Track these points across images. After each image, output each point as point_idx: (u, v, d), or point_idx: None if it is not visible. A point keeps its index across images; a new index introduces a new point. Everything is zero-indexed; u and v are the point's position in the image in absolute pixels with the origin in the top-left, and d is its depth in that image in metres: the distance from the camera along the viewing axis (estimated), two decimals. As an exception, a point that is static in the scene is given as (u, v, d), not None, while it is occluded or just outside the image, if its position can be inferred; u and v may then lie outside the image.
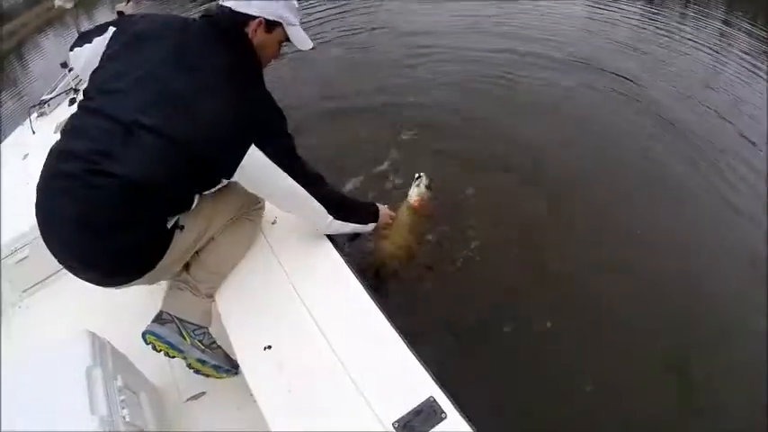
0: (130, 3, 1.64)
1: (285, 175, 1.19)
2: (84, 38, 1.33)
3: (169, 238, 1.18)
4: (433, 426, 0.97)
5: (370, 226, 1.56)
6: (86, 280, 1.20)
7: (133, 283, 1.20)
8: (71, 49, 1.39)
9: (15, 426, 0.95)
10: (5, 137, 2.78)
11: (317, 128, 3.25)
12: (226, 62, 1.15)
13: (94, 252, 1.12)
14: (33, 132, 2.58)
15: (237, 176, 1.16)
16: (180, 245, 1.21)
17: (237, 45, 1.20)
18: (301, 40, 1.31)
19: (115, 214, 1.09)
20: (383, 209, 1.65)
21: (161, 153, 1.08)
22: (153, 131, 1.06)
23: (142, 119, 1.06)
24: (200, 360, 1.27)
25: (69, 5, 2.48)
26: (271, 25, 1.24)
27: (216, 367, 1.30)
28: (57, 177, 1.11)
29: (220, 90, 1.11)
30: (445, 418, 0.98)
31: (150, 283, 1.27)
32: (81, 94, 1.43)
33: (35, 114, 2.73)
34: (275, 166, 1.17)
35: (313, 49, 1.35)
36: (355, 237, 1.80)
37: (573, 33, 4.77)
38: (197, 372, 1.31)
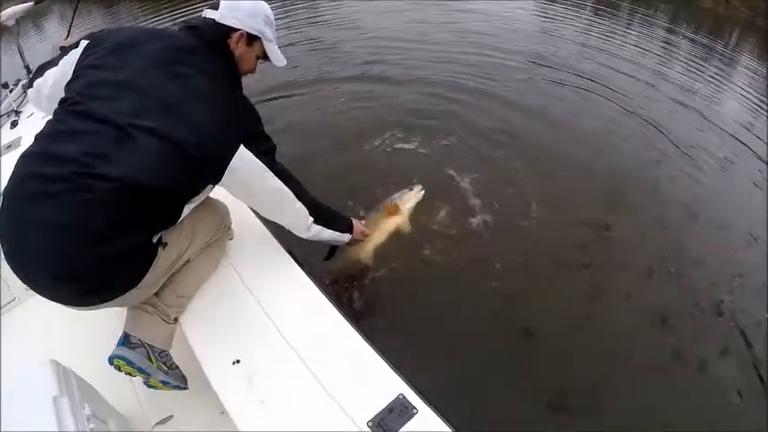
0: (69, 38, 1.64)
1: (271, 174, 1.27)
2: (44, 68, 1.32)
3: (154, 253, 1.17)
4: (406, 421, 1.02)
5: (346, 237, 1.61)
6: (58, 298, 1.12)
7: (109, 303, 1.16)
8: (30, 85, 1.37)
9: None
10: None
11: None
12: (213, 69, 1.22)
13: (81, 262, 1.05)
14: None
15: (227, 177, 1.19)
16: (162, 262, 1.20)
17: (222, 55, 1.28)
18: (277, 56, 1.41)
19: (107, 220, 1.04)
20: (357, 223, 1.70)
21: (158, 155, 1.07)
22: (151, 133, 1.06)
23: (138, 121, 1.06)
24: (164, 381, 1.27)
25: (11, 23, 2.38)
26: (251, 39, 1.33)
27: (176, 387, 1.31)
28: (37, 181, 1.04)
29: (210, 95, 1.17)
30: (416, 413, 1.04)
31: (125, 304, 1.23)
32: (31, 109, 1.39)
33: None
34: (263, 165, 1.23)
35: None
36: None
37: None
38: (153, 388, 1.29)
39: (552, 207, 2.67)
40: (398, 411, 1.05)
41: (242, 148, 1.19)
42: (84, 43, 1.25)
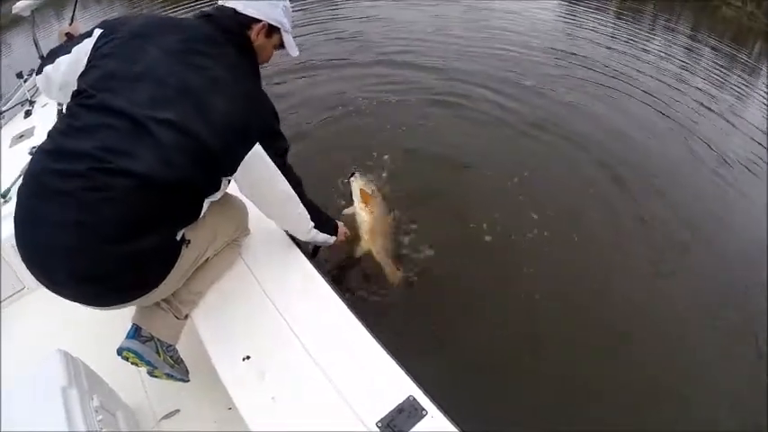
0: (74, 24, 1.61)
1: (282, 177, 1.25)
2: (55, 54, 1.28)
3: (178, 251, 1.15)
4: (416, 423, 1.01)
5: (332, 239, 1.61)
6: (77, 298, 1.08)
7: (129, 303, 1.15)
8: (40, 71, 1.32)
9: None
10: None
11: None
12: (232, 61, 1.18)
13: (103, 262, 1.01)
14: None
15: (239, 172, 1.17)
16: (184, 261, 1.18)
17: (241, 46, 1.24)
18: (292, 46, 1.39)
19: (128, 218, 1.01)
20: (340, 225, 1.69)
21: (179, 147, 1.03)
22: (169, 126, 1.03)
23: (156, 113, 1.03)
24: (169, 374, 1.27)
25: (26, 14, 2.39)
26: (271, 30, 1.30)
27: (180, 380, 1.31)
28: (53, 178, 1.00)
29: (230, 87, 1.13)
30: (426, 414, 1.02)
31: (144, 304, 1.21)
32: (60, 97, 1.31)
33: None
34: (275, 167, 1.22)
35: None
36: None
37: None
38: (156, 378, 1.28)
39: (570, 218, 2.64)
40: (408, 413, 1.04)
41: (257, 145, 1.17)
42: (98, 32, 1.20)
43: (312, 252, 1.76)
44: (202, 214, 1.20)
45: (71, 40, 1.30)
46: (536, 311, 2.10)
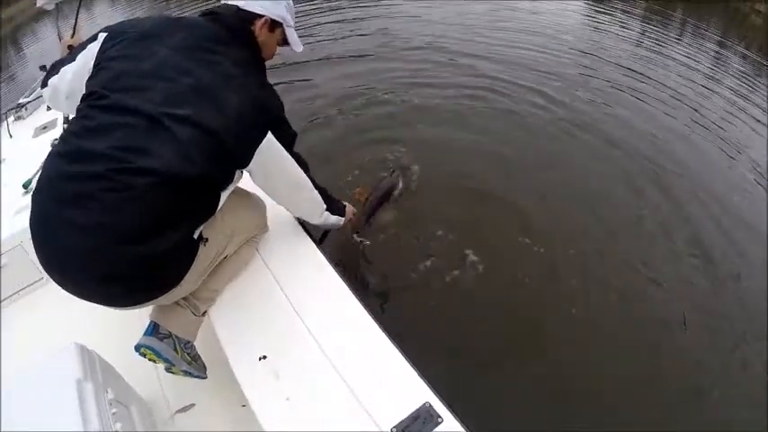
0: (76, 36, 1.63)
1: (293, 162, 1.28)
2: (58, 65, 1.28)
3: (195, 250, 1.15)
4: (431, 430, 0.99)
5: (342, 221, 1.61)
6: (96, 298, 1.08)
7: (147, 303, 1.15)
8: (45, 84, 1.32)
9: None
10: None
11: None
12: (239, 57, 1.20)
13: (122, 262, 1.00)
14: (10, 136, 2.51)
15: (253, 163, 1.18)
16: (202, 259, 1.18)
17: (246, 42, 1.26)
18: (296, 41, 1.40)
19: (148, 217, 1.00)
20: (348, 206, 1.68)
21: (193, 143, 1.03)
22: (184, 122, 1.03)
23: (170, 110, 1.03)
24: (186, 371, 1.27)
25: (50, 7, 2.42)
26: (273, 25, 1.32)
27: (197, 377, 1.31)
28: (69, 181, 1.00)
29: (239, 82, 1.14)
30: (442, 422, 1.00)
31: (162, 303, 1.21)
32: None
33: (12, 118, 2.65)
34: (286, 153, 1.24)
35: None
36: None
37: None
38: (173, 374, 1.29)
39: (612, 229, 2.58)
40: (423, 419, 1.01)
41: (269, 135, 1.18)
42: (102, 36, 1.21)
43: (320, 238, 1.77)
44: (220, 212, 1.19)
45: (56, 66, 1.30)
46: (572, 328, 2.04)
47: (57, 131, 2.33)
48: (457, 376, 1.64)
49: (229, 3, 1.28)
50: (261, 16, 1.28)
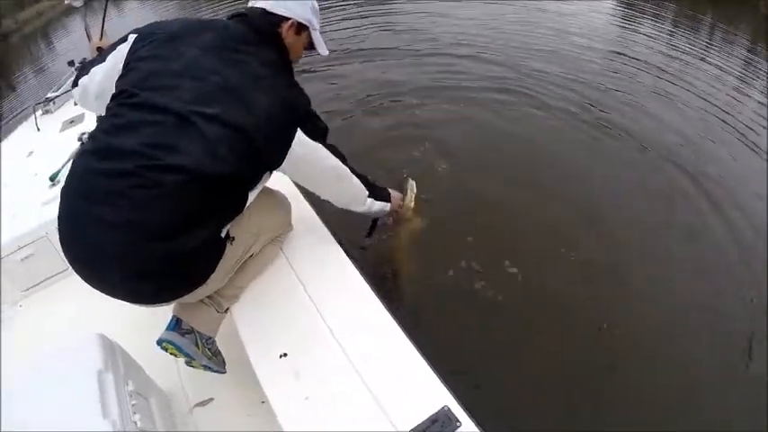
0: (104, 39, 1.66)
1: (328, 153, 1.28)
2: (89, 65, 1.31)
3: (222, 248, 1.16)
4: None
5: (388, 206, 1.60)
6: (123, 295, 1.09)
7: (177, 300, 1.16)
8: (75, 84, 1.35)
9: (27, 426, 0.94)
10: (10, 133, 2.76)
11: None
12: (268, 58, 1.21)
13: (151, 260, 1.00)
14: (38, 130, 2.57)
15: (287, 162, 1.18)
16: (229, 257, 1.18)
17: (273, 43, 1.27)
18: (321, 45, 1.42)
19: (178, 214, 1.01)
20: (393, 192, 1.66)
21: (223, 141, 1.04)
22: (213, 120, 1.04)
23: (200, 108, 1.04)
24: (206, 366, 1.28)
25: (78, 4, 2.47)
26: (300, 28, 1.33)
27: (216, 371, 1.32)
28: (99, 178, 1.01)
29: (267, 81, 1.15)
30: (460, 426, 0.98)
31: (188, 301, 1.23)
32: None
33: (40, 112, 2.71)
34: (319, 146, 1.24)
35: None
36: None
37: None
38: (193, 368, 1.30)
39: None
40: (442, 423, 1.00)
41: (300, 133, 1.18)
42: (132, 37, 1.22)
43: (369, 230, 1.78)
44: (247, 210, 1.19)
45: (87, 66, 1.33)
46: (601, 342, 1.98)
47: (83, 126, 2.38)
48: (478, 382, 1.62)
49: (256, 5, 1.30)
50: (287, 19, 1.29)
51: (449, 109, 3.50)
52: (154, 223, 0.99)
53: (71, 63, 2.81)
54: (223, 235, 1.15)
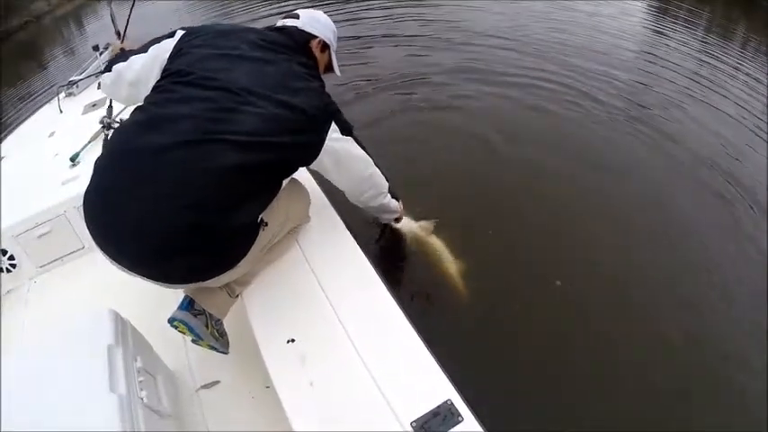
0: (126, 42, 1.74)
1: (356, 144, 1.35)
2: (127, 55, 1.36)
3: (257, 231, 1.19)
4: (450, 428, 0.97)
5: (400, 207, 1.72)
6: (153, 273, 1.09)
7: (202, 283, 1.18)
8: (109, 69, 1.39)
9: (35, 393, 0.96)
10: (33, 113, 2.83)
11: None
12: (303, 62, 1.32)
13: (195, 235, 1.01)
14: (61, 112, 2.62)
15: (325, 149, 1.25)
16: (260, 242, 1.20)
17: (306, 53, 1.40)
18: (336, 66, 1.56)
19: (226, 191, 1.03)
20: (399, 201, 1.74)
21: (275, 118, 1.10)
22: (267, 99, 1.11)
23: (254, 88, 1.11)
24: (212, 346, 1.29)
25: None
26: (324, 47, 1.48)
27: (221, 352, 1.33)
28: (145, 150, 1.02)
29: (306, 78, 1.26)
30: (462, 421, 0.98)
31: (214, 285, 1.24)
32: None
33: (63, 94, 2.77)
34: (349, 137, 1.32)
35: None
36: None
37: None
38: (199, 346, 1.31)
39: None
40: (443, 416, 0.99)
41: (333, 123, 1.26)
42: (180, 32, 1.31)
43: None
44: (277, 198, 1.23)
45: (125, 54, 1.38)
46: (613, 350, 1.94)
47: (105, 110, 2.43)
48: (483, 378, 1.61)
49: (287, 23, 1.44)
50: (316, 37, 1.43)
51: (468, 111, 3.50)
52: (199, 198, 1.01)
53: (95, 48, 2.87)
54: (259, 220, 1.18)
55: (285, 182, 1.26)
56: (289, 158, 1.19)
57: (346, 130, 1.30)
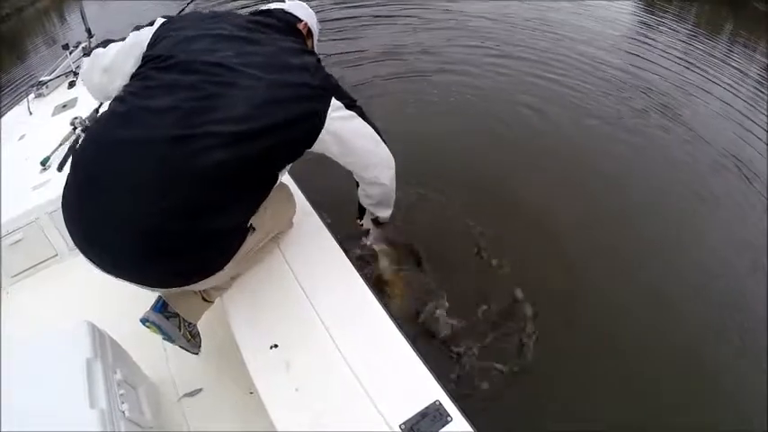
0: (94, 39, 1.67)
1: (361, 120, 1.24)
2: (108, 42, 1.29)
3: (245, 236, 1.13)
4: (439, 428, 0.97)
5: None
6: (132, 274, 1.04)
7: (186, 287, 1.14)
8: (88, 53, 1.35)
9: (13, 412, 0.92)
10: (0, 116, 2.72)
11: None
12: (294, 40, 1.29)
13: (178, 238, 0.96)
14: (30, 113, 2.52)
15: (326, 128, 1.15)
16: (246, 247, 1.15)
17: (296, 33, 1.35)
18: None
19: (214, 189, 0.98)
20: None
21: (269, 94, 1.04)
22: (258, 80, 1.05)
23: (239, 67, 1.05)
24: (183, 347, 1.28)
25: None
26: (309, 32, 1.43)
27: (192, 353, 1.32)
28: (127, 145, 0.96)
29: (300, 53, 1.22)
30: (451, 420, 0.98)
31: (196, 289, 1.21)
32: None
33: (32, 95, 2.67)
34: (352, 112, 1.21)
35: None
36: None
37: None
38: (169, 342, 1.29)
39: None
40: (432, 417, 0.99)
41: (333, 100, 1.15)
42: (160, 20, 1.24)
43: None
44: (264, 204, 1.16)
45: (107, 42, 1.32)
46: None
47: (76, 110, 2.34)
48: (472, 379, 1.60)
49: (272, 6, 1.39)
50: (302, 20, 1.39)
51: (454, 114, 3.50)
52: (185, 199, 0.96)
53: (65, 47, 2.77)
54: (248, 225, 1.13)
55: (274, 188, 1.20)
56: (286, 140, 1.09)
57: (350, 104, 1.21)
